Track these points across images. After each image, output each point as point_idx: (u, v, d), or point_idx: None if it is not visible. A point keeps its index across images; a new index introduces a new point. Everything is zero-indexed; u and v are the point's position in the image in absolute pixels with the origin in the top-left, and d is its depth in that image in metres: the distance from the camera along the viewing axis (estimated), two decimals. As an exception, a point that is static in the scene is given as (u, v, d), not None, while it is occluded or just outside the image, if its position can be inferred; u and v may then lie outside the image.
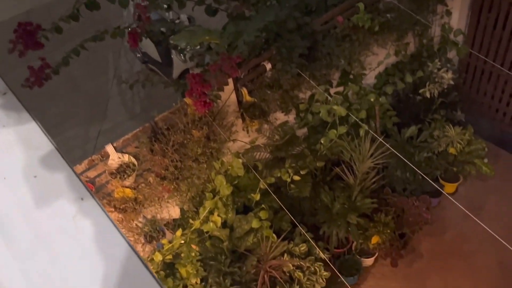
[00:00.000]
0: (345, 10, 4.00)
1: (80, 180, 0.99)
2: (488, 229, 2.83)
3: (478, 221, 2.91)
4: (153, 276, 0.87)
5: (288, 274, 3.92)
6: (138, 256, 0.89)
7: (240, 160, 3.57)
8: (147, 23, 3.44)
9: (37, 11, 7.04)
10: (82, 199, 0.96)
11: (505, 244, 2.75)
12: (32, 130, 1.08)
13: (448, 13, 4.61)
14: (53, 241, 0.91)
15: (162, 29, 4.09)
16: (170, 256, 3.61)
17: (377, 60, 4.32)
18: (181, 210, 3.90)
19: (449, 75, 4.46)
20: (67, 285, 0.85)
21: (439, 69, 4.47)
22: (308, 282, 3.90)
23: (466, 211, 3.04)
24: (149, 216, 3.77)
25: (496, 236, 2.79)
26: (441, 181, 4.89)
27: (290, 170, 3.76)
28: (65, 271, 0.87)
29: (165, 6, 3.56)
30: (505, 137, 5.42)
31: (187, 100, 3.46)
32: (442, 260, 4.66)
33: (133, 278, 0.87)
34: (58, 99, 5.90)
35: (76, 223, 0.92)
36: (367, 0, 3.94)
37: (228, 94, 3.70)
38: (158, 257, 3.49)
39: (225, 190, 3.51)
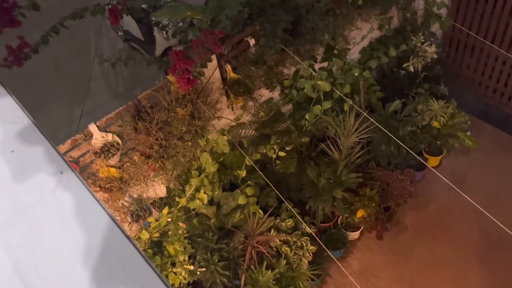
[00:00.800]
0: (329, -17, 3.97)
1: (59, 153, 0.98)
2: (470, 200, 2.88)
3: (461, 193, 2.96)
4: (135, 246, 0.87)
5: (275, 249, 3.96)
6: (119, 227, 0.89)
7: (225, 137, 3.56)
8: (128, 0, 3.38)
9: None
10: (61, 172, 0.95)
11: (487, 214, 2.80)
12: (8, 105, 1.06)
13: (432, -14, 4.60)
14: (32, 214, 0.90)
15: (143, 5, 4.01)
16: (157, 234, 3.62)
17: (361, 34, 4.31)
18: (167, 188, 3.90)
19: (433, 49, 4.47)
20: (48, 257, 0.85)
21: (422, 43, 4.47)
22: (295, 257, 3.95)
23: (450, 184, 3.09)
24: (135, 195, 3.75)
25: (479, 207, 2.84)
26: (425, 154, 4.95)
27: (275, 146, 3.77)
28: (46, 243, 0.86)
29: (145, -19, 3.50)
30: (488, 110, 5.48)
31: (170, 77, 3.43)
32: (427, 232, 4.75)
33: (114, 248, 0.87)
34: (39, 80, 5.79)
35: (55, 196, 0.91)
36: (350, -26, 3.91)
37: (212, 71, 3.66)
38: (145, 235, 3.50)
39: (211, 167, 3.51)
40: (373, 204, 4.27)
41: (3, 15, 2.81)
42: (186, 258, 3.61)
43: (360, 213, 4.29)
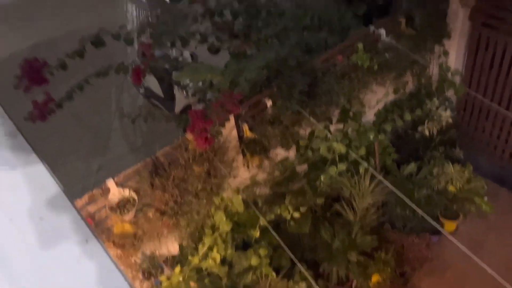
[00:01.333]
0: (345, 49, 4.09)
1: (85, 221, 1.01)
2: (488, 269, 2.81)
3: (478, 260, 2.90)
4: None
5: (287, 312, 3.87)
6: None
7: (240, 196, 3.58)
8: (151, 60, 3.51)
9: (42, 46, 7.14)
10: (86, 241, 0.97)
11: (505, 283, 2.73)
12: (40, 172, 1.10)
13: (445, 53, 4.71)
14: (57, 282, 0.92)
15: (166, 65, 4.15)
16: (168, 293, 3.57)
17: (376, 97, 4.39)
18: (180, 246, 3.88)
19: (447, 113, 4.51)
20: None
21: (437, 108, 4.52)
22: (307, 321, 3.84)
23: (466, 250, 3.03)
24: (148, 252, 3.74)
25: (496, 276, 2.77)
26: (441, 218, 4.87)
27: (290, 207, 3.76)
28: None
29: (169, 44, 3.64)
30: (504, 174, 5.43)
31: (189, 136, 3.50)
32: (443, 299, 4.61)
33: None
34: (60, 133, 5.91)
35: (80, 264, 0.93)
36: (366, 40, 4.02)
37: (229, 130, 3.73)
38: (156, 294, 3.45)
39: (225, 226, 3.50)
40: (389, 269, 4.18)
41: (33, 74, 2.95)
42: (196, 319, 3.54)
43: (375, 278, 4.19)
